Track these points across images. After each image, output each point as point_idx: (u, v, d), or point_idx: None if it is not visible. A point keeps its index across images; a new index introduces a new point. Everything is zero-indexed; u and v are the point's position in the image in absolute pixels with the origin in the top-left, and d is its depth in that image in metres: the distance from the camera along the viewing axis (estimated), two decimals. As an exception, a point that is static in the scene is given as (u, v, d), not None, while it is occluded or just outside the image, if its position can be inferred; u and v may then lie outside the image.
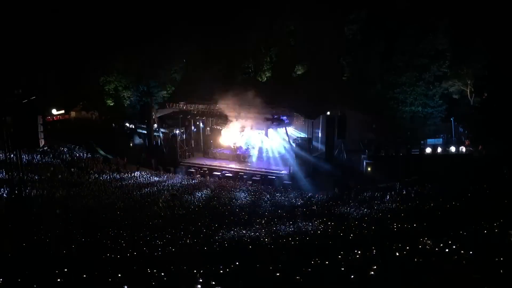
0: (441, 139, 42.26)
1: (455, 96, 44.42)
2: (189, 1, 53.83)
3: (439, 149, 40.85)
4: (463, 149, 40.10)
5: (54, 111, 56.99)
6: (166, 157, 50.18)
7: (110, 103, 57.12)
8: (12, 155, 28.21)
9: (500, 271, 12.18)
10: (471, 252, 15.81)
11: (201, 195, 34.65)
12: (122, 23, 52.10)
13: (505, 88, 38.19)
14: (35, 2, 51.07)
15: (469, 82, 42.85)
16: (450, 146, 40.61)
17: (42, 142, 33.60)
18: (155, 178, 41.35)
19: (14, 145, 30.10)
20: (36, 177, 35.91)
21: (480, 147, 38.77)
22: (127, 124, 57.58)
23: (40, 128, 33.40)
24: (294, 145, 45.97)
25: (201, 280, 13.64)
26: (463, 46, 42.13)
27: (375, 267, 14.00)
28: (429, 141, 42.25)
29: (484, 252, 15.60)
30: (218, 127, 53.04)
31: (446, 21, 42.54)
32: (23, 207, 28.72)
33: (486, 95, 42.04)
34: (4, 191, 31.00)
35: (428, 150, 40.88)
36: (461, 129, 43.47)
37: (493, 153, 35.92)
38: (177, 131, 53.49)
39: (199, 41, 54.23)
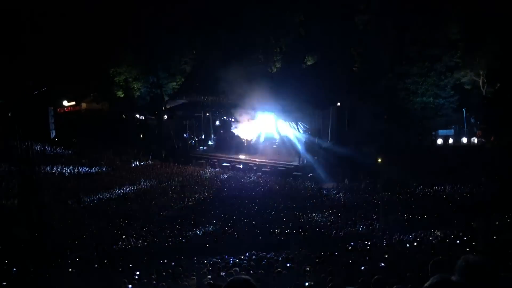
0: (452, 130, 41.79)
1: (467, 87, 43.79)
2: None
3: (451, 140, 40.48)
4: (475, 140, 39.68)
5: (65, 103, 57.24)
6: (176, 148, 50.35)
7: (120, 94, 57.26)
8: (23, 146, 28.44)
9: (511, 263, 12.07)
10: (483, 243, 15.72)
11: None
12: (132, 14, 52.08)
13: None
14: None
15: (481, 73, 42.20)
16: (462, 137, 40.21)
17: (53, 133, 33.96)
18: (166, 169, 41.61)
19: (26, 136, 30.37)
20: (48, 168, 36.20)
21: (492, 138, 38.32)
22: (137, 116, 57.77)
23: (51, 119, 33.77)
24: (304, 136, 45.84)
25: (210, 270, 13.72)
26: (475, 36, 41.48)
27: (386, 256, 13.96)
28: (441, 132, 41.83)
29: (496, 243, 15.50)
30: (228, 118, 53.04)
31: (458, 10, 41.90)
32: (34, 198, 29.00)
33: (499, 85, 41.44)
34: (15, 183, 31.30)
35: (440, 141, 40.56)
36: (473, 120, 42.92)
37: (506, 144, 35.49)
38: (187, 122, 53.59)
39: (209, 32, 54.06)
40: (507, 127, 35.89)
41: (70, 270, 14.58)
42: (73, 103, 58.52)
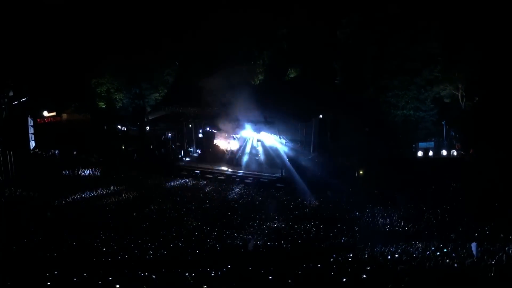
0: (432, 143, 42.45)
1: (446, 100, 44.60)
2: (182, 4, 53.65)
3: (431, 153, 41.08)
4: (454, 152, 40.35)
5: (45, 113, 56.43)
6: (158, 159, 49.97)
7: (102, 105, 56.77)
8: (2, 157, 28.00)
9: (491, 274, 12.24)
10: (462, 255, 15.89)
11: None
12: (114, 24, 51.85)
13: (496, 93, 38.45)
14: (27, 3, 50.65)
15: (460, 86, 43.07)
16: (442, 150, 40.84)
17: (32, 144, 33.40)
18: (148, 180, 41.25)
19: (4, 147, 29.84)
20: (27, 179, 35.53)
21: (471, 150, 38.97)
22: (119, 127, 57.26)
23: (31, 130, 33.21)
24: (286, 148, 46.01)
25: (192, 283, 13.56)
26: (454, 50, 42.32)
27: (368, 268, 13.99)
28: (421, 144, 42.47)
29: (476, 255, 15.68)
30: (211, 130, 52.98)
31: (437, 25, 42.74)
32: (13, 209, 28.43)
33: (477, 99, 42.32)
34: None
35: (420, 153, 41.13)
36: (452, 133, 43.65)
37: (484, 157, 36.09)
38: (170, 134, 53.32)
39: (191, 43, 54.11)
40: (485, 139, 36.55)
41: (48, 283, 14.25)
42: (54, 113, 57.70)
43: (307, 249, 21.25)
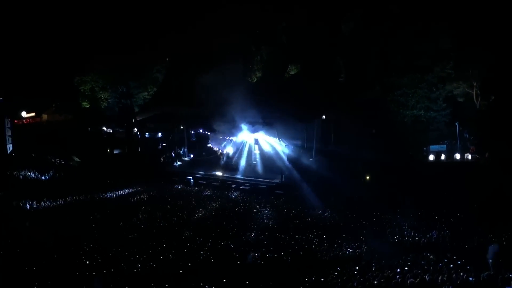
0: (445, 146, 42.28)
1: (460, 99, 44.50)
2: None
3: (443, 156, 40.94)
4: (468, 156, 40.25)
5: (23, 114, 56.28)
6: (147, 163, 49.86)
7: (86, 105, 56.63)
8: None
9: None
10: (477, 268, 15.83)
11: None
12: (98, 18, 51.84)
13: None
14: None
15: (475, 84, 42.97)
16: (455, 153, 40.74)
17: (10, 148, 33.27)
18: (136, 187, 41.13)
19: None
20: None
21: (486, 154, 38.87)
22: (104, 128, 57.12)
23: (8, 132, 33.08)
24: (287, 151, 45.94)
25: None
26: (468, 46, 42.20)
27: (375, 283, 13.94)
28: (432, 147, 42.30)
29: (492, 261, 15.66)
30: (204, 131, 52.93)
31: (446, 21, 42.62)
32: None
33: (493, 98, 42.19)
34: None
35: (431, 157, 41.02)
36: (466, 135, 43.53)
37: (501, 161, 35.99)
38: (160, 135, 53.19)
39: (184, 38, 54.12)
40: (502, 142, 36.43)
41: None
42: (33, 114, 57.54)
43: (309, 261, 21.17)
